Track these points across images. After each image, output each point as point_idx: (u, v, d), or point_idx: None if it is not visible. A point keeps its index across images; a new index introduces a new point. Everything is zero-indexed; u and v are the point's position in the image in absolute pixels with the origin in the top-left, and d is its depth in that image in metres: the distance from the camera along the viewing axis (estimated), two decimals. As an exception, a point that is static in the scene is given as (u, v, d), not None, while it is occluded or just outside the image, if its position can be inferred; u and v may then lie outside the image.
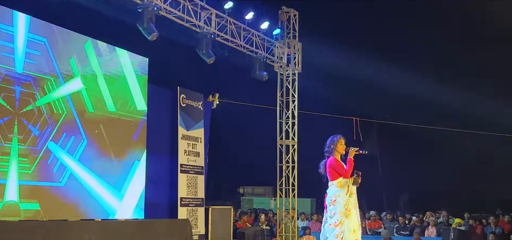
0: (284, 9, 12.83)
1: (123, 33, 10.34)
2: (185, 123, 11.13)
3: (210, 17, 10.64)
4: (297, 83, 13.04)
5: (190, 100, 11.37)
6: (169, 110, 11.20)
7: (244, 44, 11.59)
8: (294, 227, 13.03)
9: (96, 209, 9.22)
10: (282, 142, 12.93)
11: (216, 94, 12.36)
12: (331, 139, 6.66)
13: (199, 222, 11.17)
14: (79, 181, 8.96)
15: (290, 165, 12.88)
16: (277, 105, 13.02)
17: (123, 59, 9.98)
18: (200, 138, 11.53)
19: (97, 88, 9.43)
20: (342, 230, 6.39)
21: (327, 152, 6.64)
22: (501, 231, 12.48)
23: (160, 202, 10.90)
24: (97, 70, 9.39)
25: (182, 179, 10.89)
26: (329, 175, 6.59)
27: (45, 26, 8.52)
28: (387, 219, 14.64)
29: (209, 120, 12.22)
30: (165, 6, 9.63)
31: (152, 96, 10.65)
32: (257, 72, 11.98)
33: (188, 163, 11.10)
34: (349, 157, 6.56)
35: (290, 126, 12.96)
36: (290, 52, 12.86)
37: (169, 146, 11.14)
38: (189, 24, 10.33)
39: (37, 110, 8.31)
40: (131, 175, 9.98)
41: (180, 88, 11.14)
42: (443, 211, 14.66)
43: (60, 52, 8.73)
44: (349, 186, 6.51)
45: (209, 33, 10.57)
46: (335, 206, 6.47)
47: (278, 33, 12.60)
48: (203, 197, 11.46)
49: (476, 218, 13.81)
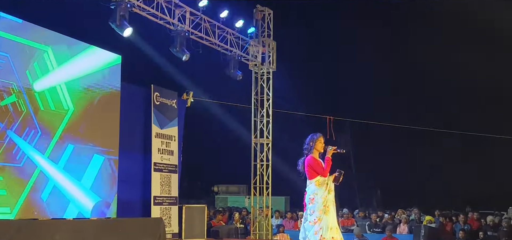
0: (259, 7, 12.86)
1: (95, 30, 10.22)
2: (159, 121, 11.05)
3: (184, 14, 10.59)
4: (272, 81, 13.08)
5: (164, 98, 11.30)
6: (142, 108, 11.11)
7: (219, 42, 11.57)
8: (268, 225, 13.08)
9: (66, 205, 9.06)
10: (256, 141, 12.96)
11: (190, 92, 12.31)
12: (311, 137, 6.69)
13: (173, 220, 11.12)
14: (50, 180, 8.81)
15: (264, 163, 12.91)
16: (252, 104, 13.04)
17: (95, 56, 9.84)
18: (174, 137, 11.48)
19: (70, 85, 9.27)
20: (321, 227, 6.45)
21: (305, 150, 6.67)
22: (469, 228, 12.75)
23: (133, 201, 10.80)
24: (66, 67, 9.22)
25: (155, 177, 10.82)
26: (307, 173, 6.63)
27: (7, 22, 8.24)
28: (360, 217, 14.81)
29: (183, 118, 12.16)
30: (138, 3, 9.53)
31: (125, 94, 10.54)
32: (231, 71, 11.97)
33: (162, 161, 11.03)
34: (327, 156, 6.61)
35: (264, 124, 13.00)
36: (264, 50, 12.89)
37: (142, 145, 11.05)
38: (163, 22, 10.26)
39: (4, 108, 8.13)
40: (101, 171, 9.83)
41: (153, 86, 11.05)
42: (414, 209, 14.89)
43: (25, 50, 8.50)
44: (328, 184, 6.56)
45: (183, 31, 10.51)
46: (314, 204, 6.53)
47: (253, 31, 12.62)
48: (177, 195, 11.40)
49: (446, 215, 14.07)
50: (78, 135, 9.40)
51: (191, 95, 12.32)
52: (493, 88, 17.80)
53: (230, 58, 11.97)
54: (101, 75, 9.97)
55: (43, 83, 8.78)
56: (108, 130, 10.08)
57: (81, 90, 9.51)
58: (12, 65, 8.25)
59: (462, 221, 13.02)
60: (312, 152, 6.64)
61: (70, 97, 9.28)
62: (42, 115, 8.74)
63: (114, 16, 9.05)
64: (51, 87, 8.93)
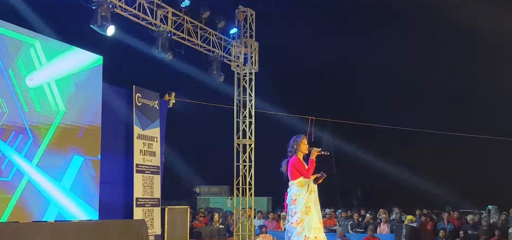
0: (241, 8, 12.84)
1: (76, 30, 10.12)
2: (140, 122, 10.98)
3: (166, 15, 10.54)
4: (254, 82, 13.08)
5: (145, 99, 11.23)
6: (124, 109, 11.03)
7: (201, 43, 11.53)
8: (250, 226, 13.08)
9: (46, 208, 8.94)
10: (239, 141, 12.95)
11: (172, 93, 12.25)
12: (294, 138, 6.74)
13: (155, 222, 11.05)
14: (30, 182, 8.68)
15: (247, 164, 12.91)
16: (234, 105, 13.02)
17: (76, 57, 9.73)
18: (156, 138, 11.41)
19: (47, 86, 9.16)
20: (303, 227, 6.49)
21: (290, 152, 6.71)
22: (452, 227, 12.88)
23: (115, 203, 10.71)
24: (47, 68, 9.12)
25: (137, 179, 10.74)
26: (290, 174, 6.66)
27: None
28: (342, 217, 14.89)
29: (165, 119, 12.10)
30: (120, 3, 9.46)
31: (107, 95, 10.45)
32: (214, 71, 11.94)
33: (144, 163, 10.96)
34: (311, 157, 6.65)
35: (247, 125, 13.00)
36: (247, 51, 12.89)
37: (124, 146, 10.97)
38: (145, 22, 10.19)
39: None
40: (79, 172, 9.73)
41: (135, 86, 10.98)
42: (395, 208, 15.01)
43: (8, 50, 8.43)
44: (309, 185, 6.60)
45: (165, 32, 10.46)
46: (296, 205, 6.56)
47: (235, 32, 12.61)
48: (159, 197, 11.34)
49: (427, 214, 14.21)
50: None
51: (173, 96, 12.27)
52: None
53: (213, 59, 11.93)
54: (83, 76, 9.88)
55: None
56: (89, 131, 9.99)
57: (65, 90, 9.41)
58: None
59: (446, 219, 13.15)
60: (296, 154, 6.68)
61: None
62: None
63: (95, 17, 8.96)
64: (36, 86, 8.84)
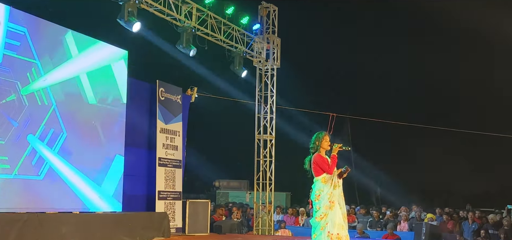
0: (264, 4, 12.90)
1: (103, 25, 10.28)
2: (163, 116, 11.12)
3: (191, 11, 10.65)
4: (276, 78, 13.14)
5: (168, 94, 11.36)
6: (147, 103, 11.18)
7: (224, 38, 11.63)
8: (270, 221, 13.16)
9: (74, 201, 9.14)
10: (260, 137, 13.03)
11: (194, 88, 12.37)
12: (316, 135, 6.79)
13: (177, 215, 11.19)
14: (58, 175, 8.87)
15: (267, 160, 12.98)
16: (256, 100, 13.10)
17: (102, 52, 9.90)
18: (179, 132, 11.54)
19: (77, 80, 9.34)
20: (327, 222, 6.54)
21: (312, 149, 6.77)
22: (476, 226, 12.75)
23: (138, 195, 10.89)
24: (76, 62, 9.30)
25: (160, 172, 10.89)
26: (314, 171, 6.71)
27: (25, 16, 8.39)
28: (361, 214, 14.89)
29: (187, 114, 12.22)
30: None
31: (131, 89, 10.60)
32: (236, 67, 12.05)
33: (166, 156, 11.10)
34: (333, 153, 6.70)
35: (268, 120, 13.06)
36: (269, 47, 12.95)
37: (147, 140, 11.13)
38: (169, 18, 10.32)
39: (18, 102, 8.20)
40: (111, 168, 9.92)
41: (159, 81, 11.11)
42: (414, 206, 14.97)
43: (40, 43, 8.63)
44: (333, 180, 6.65)
45: (189, 27, 10.57)
46: (320, 201, 6.62)
47: (258, 28, 12.68)
48: (181, 190, 11.48)
49: (449, 213, 14.13)
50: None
51: (195, 90, 12.38)
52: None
53: (235, 55, 12.03)
54: (110, 70, 10.04)
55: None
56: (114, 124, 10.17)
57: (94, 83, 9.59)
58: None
59: (471, 219, 13.01)
60: (318, 150, 6.73)
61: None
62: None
63: (122, 13, 9.11)
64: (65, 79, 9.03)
